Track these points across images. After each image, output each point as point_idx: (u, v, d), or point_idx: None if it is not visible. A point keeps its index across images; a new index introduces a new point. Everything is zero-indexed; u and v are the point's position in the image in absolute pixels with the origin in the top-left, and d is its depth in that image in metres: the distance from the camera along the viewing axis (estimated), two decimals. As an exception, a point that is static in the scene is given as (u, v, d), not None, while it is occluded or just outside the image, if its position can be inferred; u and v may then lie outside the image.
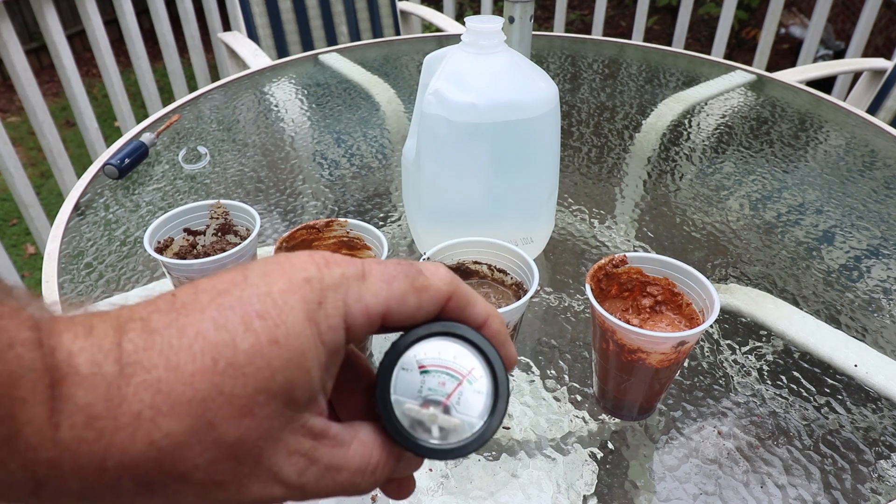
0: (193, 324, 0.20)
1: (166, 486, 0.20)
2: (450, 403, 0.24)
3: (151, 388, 0.19)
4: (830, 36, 2.78)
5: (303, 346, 0.20)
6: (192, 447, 0.19)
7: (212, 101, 1.07)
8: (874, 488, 0.47)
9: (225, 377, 0.19)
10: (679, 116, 1.04)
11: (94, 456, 0.18)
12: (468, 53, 0.56)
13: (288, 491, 0.21)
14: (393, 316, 0.23)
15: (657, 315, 0.49)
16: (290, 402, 0.20)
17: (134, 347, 0.19)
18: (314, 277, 0.21)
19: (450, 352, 0.25)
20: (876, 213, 0.79)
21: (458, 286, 0.24)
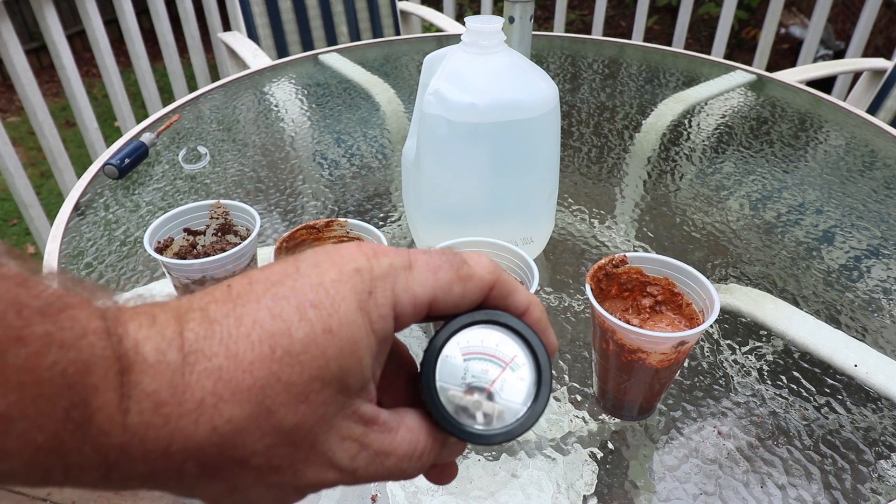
0: (250, 313, 0.20)
1: (227, 471, 0.20)
2: (493, 390, 0.25)
3: (213, 376, 0.19)
4: (830, 36, 2.78)
5: (355, 335, 0.21)
6: (251, 433, 0.20)
7: (212, 101, 1.07)
8: (874, 488, 0.47)
9: (282, 365, 0.20)
10: (679, 116, 1.04)
11: (160, 441, 0.19)
12: (468, 53, 0.56)
13: (341, 475, 0.22)
14: (438, 305, 0.23)
15: (657, 315, 0.49)
16: (343, 389, 0.21)
17: (195, 336, 0.20)
18: (364, 268, 0.22)
19: (492, 339, 0.25)
20: (876, 213, 0.79)
21: (500, 275, 0.25)
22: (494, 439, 0.24)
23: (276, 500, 0.22)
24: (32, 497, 1.26)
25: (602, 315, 0.43)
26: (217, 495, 0.21)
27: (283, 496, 0.22)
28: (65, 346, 0.18)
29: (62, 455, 0.18)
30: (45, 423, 0.17)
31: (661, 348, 0.43)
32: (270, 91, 1.12)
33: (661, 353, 0.43)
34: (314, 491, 0.23)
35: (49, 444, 0.18)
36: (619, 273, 0.49)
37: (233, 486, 0.21)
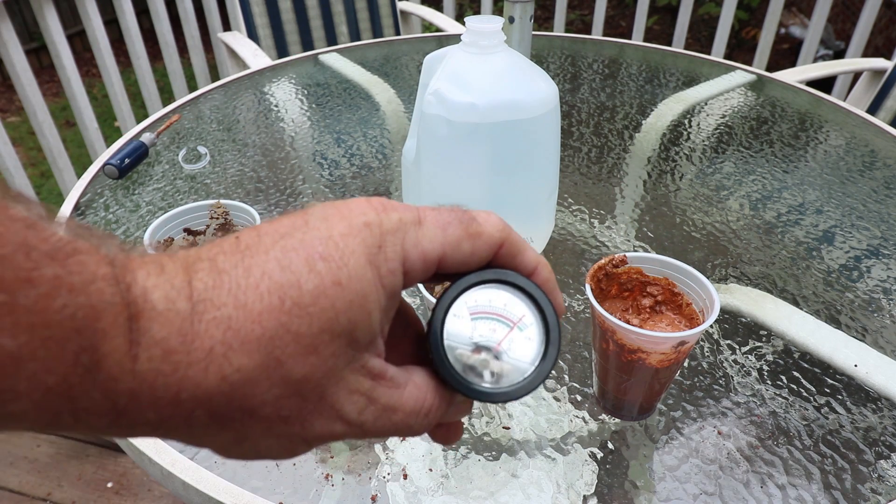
0: (259, 264, 0.20)
1: (236, 420, 0.20)
2: (501, 349, 0.25)
3: (222, 325, 0.19)
4: (830, 36, 2.78)
5: (364, 289, 0.21)
6: (260, 383, 0.20)
7: (212, 101, 1.07)
8: (874, 488, 0.47)
9: (291, 316, 0.20)
10: (679, 116, 1.04)
11: (169, 388, 0.19)
12: (468, 53, 0.56)
13: (348, 428, 0.22)
14: (447, 261, 0.23)
15: (657, 315, 0.49)
16: (352, 342, 0.21)
17: (204, 286, 0.20)
18: (373, 222, 0.22)
19: (500, 299, 0.25)
20: (876, 213, 0.79)
21: (510, 234, 0.25)
22: (501, 397, 0.25)
23: (285, 451, 0.22)
24: (32, 497, 1.26)
25: (602, 315, 0.43)
26: (225, 444, 0.22)
27: (292, 447, 0.22)
28: (74, 291, 0.18)
29: (71, 399, 0.18)
30: (54, 366, 0.17)
31: (661, 348, 0.43)
32: (270, 91, 1.12)
33: (661, 353, 0.43)
34: (322, 443, 0.23)
35: (59, 386, 0.18)
36: (619, 273, 0.49)
37: (241, 436, 0.21)
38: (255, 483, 0.46)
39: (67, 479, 1.29)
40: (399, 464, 0.48)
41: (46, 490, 1.27)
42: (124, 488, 1.27)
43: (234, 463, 0.47)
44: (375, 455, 0.49)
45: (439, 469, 0.48)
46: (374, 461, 0.48)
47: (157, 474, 0.48)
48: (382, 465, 0.48)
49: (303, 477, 0.47)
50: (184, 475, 0.46)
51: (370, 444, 0.50)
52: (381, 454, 0.49)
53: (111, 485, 1.28)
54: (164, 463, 0.47)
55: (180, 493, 0.47)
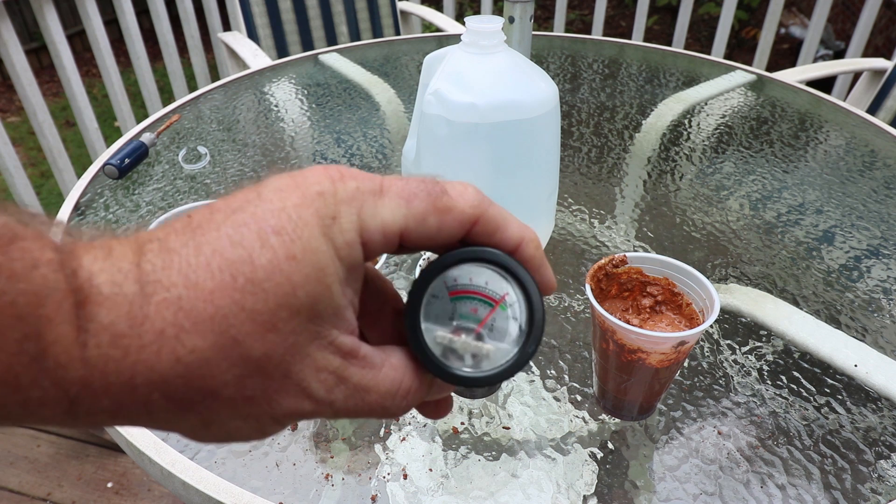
0: (209, 242, 0.20)
1: (197, 403, 0.20)
2: (482, 331, 0.24)
3: (173, 306, 0.19)
4: (830, 36, 2.78)
5: (321, 262, 0.20)
6: (218, 363, 0.19)
7: (212, 101, 1.07)
8: (874, 488, 0.47)
9: (245, 293, 0.19)
10: (679, 116, 1.04)
11: (122, 374, 0.19)
12: (468, 53, 0.56)
13: (317, 406, 0.22)
14: (411, 236, 0.22)
15: (657, 315, 0.49)
16: (313, 317, 0.20)
17: (152, 267, 0.19)
18: (328, 191, 0.21)
19: (481, 277, 0.24)
20: (876, 213, 0.79)
21: (485, 210, 0.23)
22: (482, 382, 0.24)
23: (255, 431, 0.22)
24: (32, 497, 1.26)
25: (602, 315, 0.43)
26: (192, 428, 0.21)
27: (261, 426, 0.22)
28: (14, 277, 0.17)
29: (18, 389, 0.18)
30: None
31: (661, 348, 0.43)
32: (270, 91, 1.12)
33: (661, 353, 0.43)
34: (293, 420, 0.22)
35: (3, 376, 0.17)
36: (619, 273, 0.49)
37: (207, 419, 0.21)
38: (255, 483, 0.46)
39: (67, 479, 1.29)
40: (399, 464, 0.48)
41: (46, 490, 1.27)
42: (124, 488, 1.27)
43: (233, 462, 0.48)
44: (375, 455, 0.49)
45: (439, 469, 0.48)
46: (374, 461, 0.48)
47: (157, 474, 0.48)
48: (382, 465, 0.48)
49: (303, 477, 0.47)
50: (184, 475, 0.46)
51: (370, 444, 0.50)
52: (381, 454, 0.49)
53: (111, 485, 1.28)
54: (164, 463, 0.47)
55: (180, 493, 0.47)
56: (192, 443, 0.49)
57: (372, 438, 0.50)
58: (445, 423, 0.51)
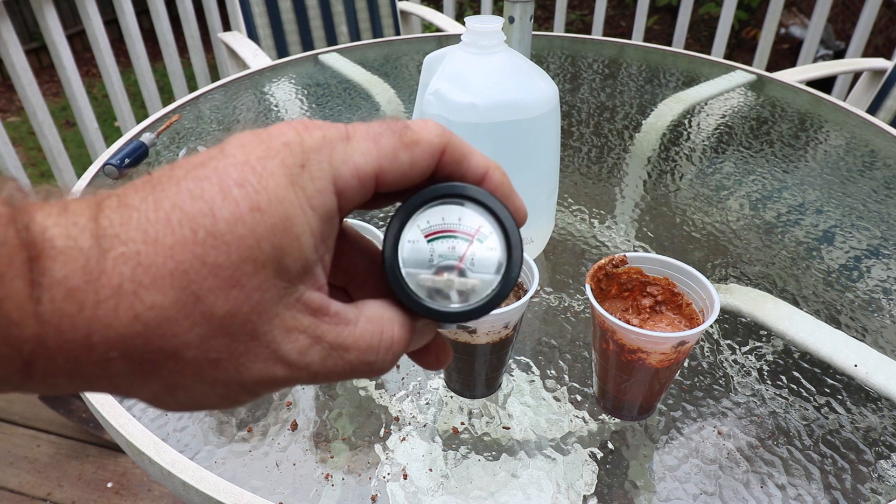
0: (169, 196, 0.19)
1: (159, 365, 0.19)
2: (464, 266, 0.24)
3: (131, 261, 0.18)
4: (830, 36, 2.78)
5: (288, 212, 0.19)
6: (179, 322, 0.18)
7: (212, 101, 1.07)
8: (874, 488, 0.47)
9: (206, 247, 0.18)
10: (679, 116, 1.04)
11: (77, 331, 0.18)
12: (468, 53, 0.56)
13: (291, 371, 0.21)
14: (386, 176, 0.22)
15: (657, 315, 0.49)
16: (280, 271, 0.20)
17: (110, 223, 0.18)
18: (293, 141, 0.20)
19: (453, 214, 0.24)
20: (876, 213, 0.79)
21: (450, 138, 0.23)
22: (474, 314, 0.24)
23: (224, 399, 0.21)
24: (32, 497, 1.26)
25: (602, 315, 0.43)
26: (155, 394, 0.20)
27: (230, 394, 0.21)
28: None
29: None
30: None
31: (661, 348, 0.43)
32: (270, 91, 1.12)
33: (661, 353, 0.43)
34: (265, 389, 0.21)
35: None
36: (619, 273, 0.49)
37: (171, 384, 0.20)
38: (255, 483, 0.46)
39: (67, 479, 1.29)
40: (399, 464, 0.48)
41: (46, 490, 1.27)
42: (124, 488, 1.27)
43: (233, 462, 0.48)
44: (375, 455, 0.49)
45: (439, 469, 0.48)
46: (374, 461, 0.48)
47: (157, 474, 0.48)
48: (382, 465, 0.48)
49: (303, 477, 0.47)
50: (184, 475, 0.46)
51: (370, 444, 0.50)
52: (381, 454, 0.49)
53: (111, 485, 1.28)
54: (164, 463, 0.47)
55: (180, 493, 0.47)
56: (192, 443, 0.49)
57: (372, 438, 0.50)
58: (445, 423, 0.51)
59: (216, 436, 0.50)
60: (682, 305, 0.48)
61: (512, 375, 0.56)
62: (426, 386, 0.55)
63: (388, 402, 0.53)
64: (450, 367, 0.51)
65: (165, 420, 0.51)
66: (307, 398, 0.53)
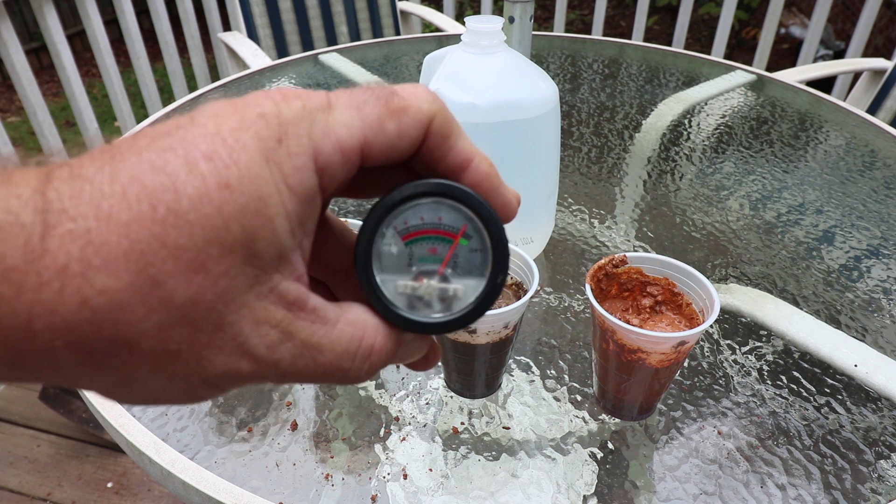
0: (128, 168, 0.17)
1: (112, 356, 0.17)
2: (446, 270, 0.22)
3: (80, 239, 0.16)
4: (830, 36, 2.78)
5: (261, 191, 0.17)
6: (134, 308, 0.16)
7: (212, 101, 1.06)
8: (874, 488, 0.47)
9: (166, 226, 0.16)
10: (679, 116, 1.04)
11: (17, 316, 0.16)
12: (468, 53, 0.56)
13: (258, 366, 0.19)
14: (372, 148, 0.20)
15: (657, 315, 0.49)
16: (251, 257, 0.18)
17: (58, 196, 0.16)
18: (270, 112, 0.18)
19: (434, 213, 0.22)
20: (876, 213, 0.79)
21: (441, 107, 0.21)
22: (456, 324, 0.22)
23: (184, 394, 0.19)
24: (32, 497, 1.26)
25: (602, 315, 0.43)
26: (110, 387, 0.18)
27: (191, 389, 0.19)
28: None
29: None
30: None
31: (661, 348, 0.43)
32: (270, 91, 1.12)
33: (661, 353, 0.43)
34: (229, 384, 0.19)
35: None
36: (619, 273, 0.49)
37: (125, 377, 0.18)
38: (255, 483, 0.46)
39: (67, 479, 1.29)
40: (399, 464, 0.48)
41: (46, 490, 1.27)
42: (124, 488, 1.27)
43: (233, 462, 0.48)
44: (375, 455, 0.49)
45: (439, 469, 0.48)
46: (374, 461, 0.48)
47: (157, 474, 0.48)
48: (382, 465, 0.48)
49: (303, 477, 0.47)
50: (184, 475, 0.46)
51: (370, 444, 0.50)
52: (381, 454, 0.49)
53: (111, 485, 1.28)
54: (164, 463, 0.47)
55: (180, 493, 0.47)
56: (192, 443, 0.49)
57: (372, 438, 0.50)
58: (445, 423, 0.51)
59: (216, 436, 0.50)
60: (682, 305, 0.48)
61: (512, 375, 0.56)
62: (426, 386, 0.55)
63: (388, 401, 0.53)
64: (450, 367, 0.51)
65: (165, 420, 0.51)
66: (307, 398, 0.53)
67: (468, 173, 0.21)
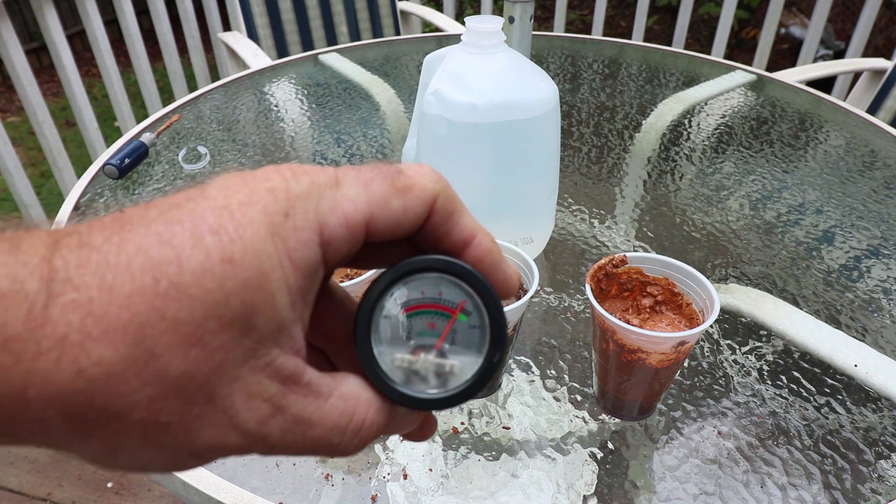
0: (135, 239, 0.17)
1: (102, 426, 0.17)
2: (444, 345, 0.22)
3: (81, 310, 0.16)
4: (830, 36, 2.78)
5: (263, 265, 0.18)
6: (128, 380, 0.17)
7: (212, 101, 1.06)
8: (874, 488, 0.47)
9: (167, 299, 0.17)
10: (679, 116, 1.04)
11: (12, 384, 0.16)
12: (468, 53, 0.56)
13: (246, 440, 0.19)
14: (377, 225, 0.20)
15: (657, 315, 0.49)
16: (248, 331, 0.18)
17: (64, 264, 0.17)
18: (279, 187, 0.19)
19: (434, 288, 0.22)
20: (876, 213, 0.79)
21: (445, 186, 0.21)
22: (451, 402, 0.22)
23: (170, 464, 0.19)
24: (32, 497, 1.26)
25: (602, 315, 0.43)
26: (96, 455, 0.18)
27: (177, 459, 0.19)
28: None
29: None
30: None
31: (661, 348, 0.43)
32: (270, 91, 1.12)
33: (661, 353, 0.43)
34: (215, 456, 0.19)
35: None
36: (619, 273, 0.49)
37: (113, 446, 0.18)
38: (255, 483, 0.46)
39: (67, 479, 1.29)
40: (399, 464, 0.48)
41: (46, 490, 1.27)
42: (124, 488, 1.27)
43: (233, 462, 0.48)
44: (375, 455, 0.49)
45: (439, 469, 0.48)
46: (374, 461, 0.48)
47: (157, 474, 0.48)
48: (382, 465, 0.48)
49: (303, 477, 0.47)
50: (184, 475, 0.46)
51: (370, 444, 0.50)
52: (381, 454, 0.49)
53: (111, 485, 1.28)
54: (164, 463, 0.47)
55: (180, 493, 0.47)
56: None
57: (372, 438, 0.50)
58: (445, 424, 0.51)
59: (216, 436, 0.50)
60: (682, 305, 0.48)
61: (512, 375, 0.56)
62: (426, 386, 0.54)
63: (388, 402, 0.53)
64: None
65: (165, 420, 0.51)
66: (307, 398, 0.53)
67: (471, 249, 0.22)
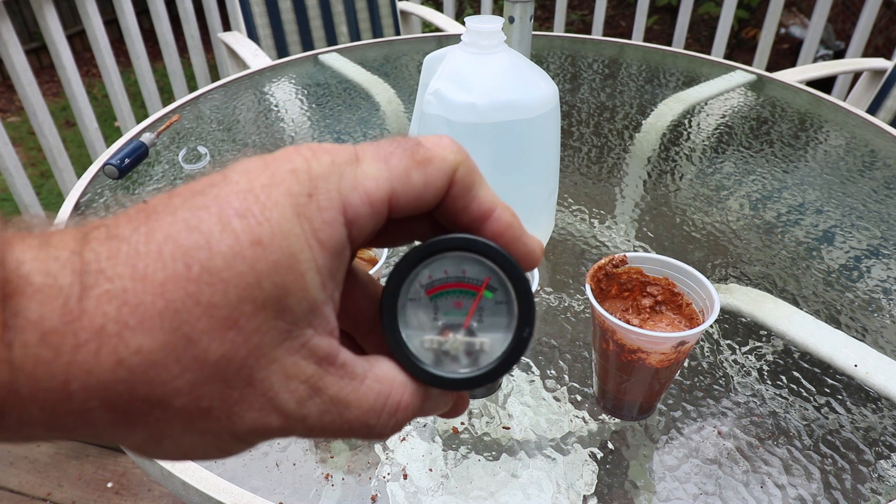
0: (163, 227, 0.17)
1: (145, 415, 0.17)
2: (472, 324, 0.22)
3: (116, 300, 0.16)
4: (830, 36, 2.78)
5: (292, 246, 0.18)
6: (168, 367, 0.17)
7: (212, 101, 1.06)
8: (874, 488, 0.47)
9: (200, 284, 0.17)
10: (679, 116, 1.04)
11: (54, 378, 0.16)
12: (468, 53, 0.56)
13: (286, 422, 0.19)
14: (399, 200, 0.20)
15: (657, 315, 0.49)
16: (282, 312, 0.18)
17: (95, 256, 0.17)
18: (300, 168, 0.19)
19: (457, 267, 0.22)
20: (876, 213, 0.79)
21: (465, 157, 0.21)
22: (484, 379, 0.21)
23: (215, 450, 0.19)
24: (32, 497, 1.26)
25: (602, 315, 0.43)
26: (142, 444, 0.18)
27: (221, 444, 0.19)
28: None
29: None
30: None
31: (661, 348, 0.43)
32: (270, 91, 1.12)
33: (661, 353, 0.43)
34: (259, 439, 0.19)
35: None
36: (619, 273, 0.49)
37: (157, 434, 0.18)
38: (255, 483, 0.46)
39: (67, 479, 1.29)
40: (399, 464, 0.48)
41: (46, 490, 1.27)
42: (124, 488, 1.27)
43: (233, 462, 0.48)
44: (375, 455, 0.49)
45: (439, 469, 0.48)
46: (374, 461, 0.48)
47: (157, 474, 0.48)
48: (382, 465, 0.48)
49: (303, 477, 0.47)
50: (184, 475, 0.46)
51: (370, 445, 0.50)
52: (381, 454, 0.49)
53: (111, 485, 1.28)
54: (164, 463, 0.47)
55: (180, 493, 0.47)
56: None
57: (372, 438, 0.50)
58: (445, 423, 0.51)
59: (216, 436, 0.50)
60: (682, 305, 0.48)
61: (512, 375, 0.56)
62: (426, 386, 0.55)
63: (388, 402, 0.53)
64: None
65: (165, 420, 0.51)
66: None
67: (490, 223, 0.21)
